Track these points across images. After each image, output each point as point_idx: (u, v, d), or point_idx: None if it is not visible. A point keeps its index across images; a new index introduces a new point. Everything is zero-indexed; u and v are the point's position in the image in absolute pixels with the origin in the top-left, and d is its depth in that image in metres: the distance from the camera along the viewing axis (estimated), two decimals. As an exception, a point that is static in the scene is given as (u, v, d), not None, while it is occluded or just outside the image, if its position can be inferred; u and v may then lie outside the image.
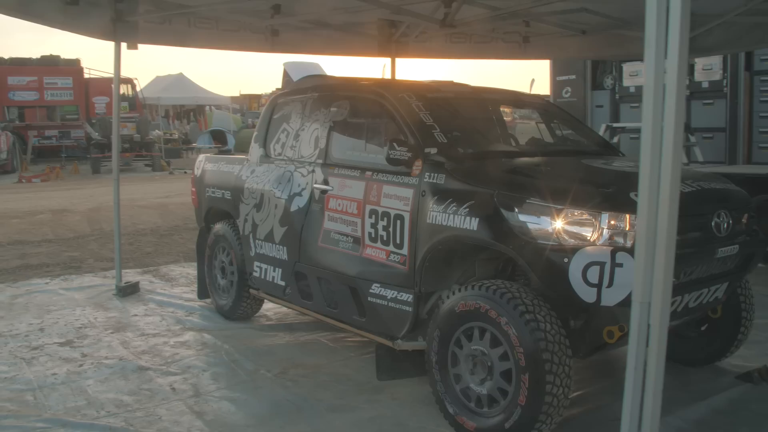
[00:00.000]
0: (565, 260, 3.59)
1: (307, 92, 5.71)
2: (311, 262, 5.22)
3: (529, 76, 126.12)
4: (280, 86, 31.59)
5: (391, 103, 4.80)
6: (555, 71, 11.81)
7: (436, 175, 4.27)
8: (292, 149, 5.63)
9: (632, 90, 10.83)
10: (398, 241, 4.46)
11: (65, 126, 29.12)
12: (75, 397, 4.65)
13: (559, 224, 3.67)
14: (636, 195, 3.13)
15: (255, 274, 5.94)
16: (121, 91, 26.71)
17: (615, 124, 10.66)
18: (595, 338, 4.00)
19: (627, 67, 10.88)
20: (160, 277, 8.16)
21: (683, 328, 4.90)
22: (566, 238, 3.65)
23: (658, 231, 2.79)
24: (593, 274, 3.52)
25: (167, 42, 7.76)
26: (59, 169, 22.75)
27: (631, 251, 3.40)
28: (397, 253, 4.47)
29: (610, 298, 3.52)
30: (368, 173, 4.74)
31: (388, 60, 9.13)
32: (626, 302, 3.31)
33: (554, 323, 3.71)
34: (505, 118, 5.79)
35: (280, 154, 5.77)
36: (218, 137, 30.68)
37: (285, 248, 5.51)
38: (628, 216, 3.57)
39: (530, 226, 3.75)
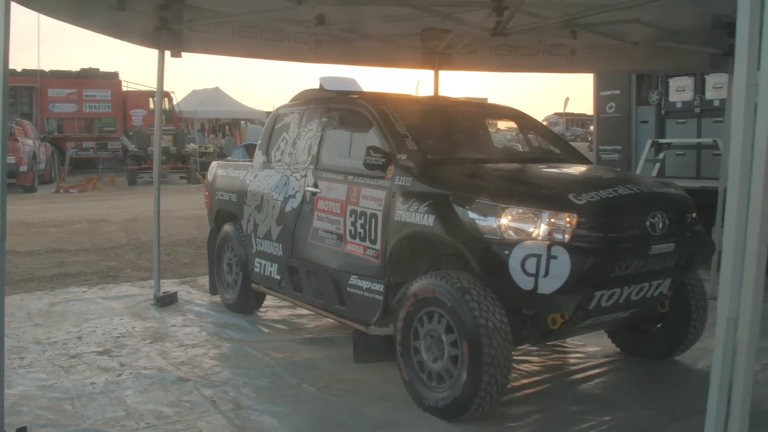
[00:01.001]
0: (506, 252, 4.10)
1: (304, 104, 6.31)
2: (302, 257, 5.79)
3: (565, 93, 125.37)
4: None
5: (372, 114, 5.32)
6: (598, 86, 11.58)
7: (404, 178, 4.81)
8: (290, 156, 6.19)
9: (679, 105, 10.58)
10: (373, 238, 4.98)
11: (103, 138, 29.42)
12: (114, 408, 4.54)
13: (503, 221, 4.20)
14: (575, 196, 4.17)
15: (256, 269, 6.51)
16: (159, 104, 27.04)
17: (661, 140, 10.41)
18: (542, 325, 4.46)
19: (673, 82, 10.63)
20: (198, 287, 8.07)
21: (641, 324, 5.44)
22: (510, 233, 4.17)
23: (747, 246, 2.60)
24: (531, 265, 4.02)
25: (211, 51, 7.71)
26: (96, 180, 22.93)
27: (567, 246, 4.01)
28: (372, 248, 5.00)
29: (547, 286, 4.02)
30: (350, 177, 5.29)
31: (421, 77, 9.07)
32: (562, 291, 4.03)
33: (497, 312, 4.17)
34: (488, 129, 6.31)
35: (279, 161, 6.33)
36: (253, 151, 30.73)
37: (280, 245, 6.07)
38: (566, 214, 4.12)
39: (478, 222, 4.28)
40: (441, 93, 9.09)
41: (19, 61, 50.92)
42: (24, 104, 28.58)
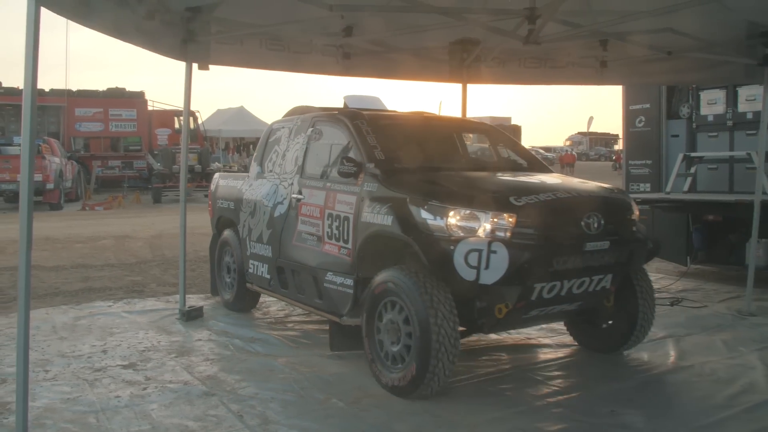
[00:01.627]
0: (452, 248, 4.59)
1: (293, 120, 6.88)
2: (288, 257, 6.38)
3: (589, 112, 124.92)
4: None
5: (348, 128, 5.88)
6: (627, 100, 11.39)
7: (371, 184, 5.35)
8: (279, 166, 6.79)
9: (710, 119, 10.37)
10: (345, 238, 5.51)
11: (128, 157, 29.62)
12: (139, 421, 4.43)
13: (451, 220, 4.72)
14: (516, 199, 4.75)
15: (250, 270, 7.10)
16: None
17: (693, 154, 10.20)
18: (491, 315, 4.91)
19: (705, 95, 10.42)
20: (223, 303, 7.97)
21: (595, 319, 5.85)
22: (456, 231, 4.69)
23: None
24: (473, 259, 4.51)
25: (238, 63, 7.66)
26: (121, 198, 23.02)
27: (506, 242, 4.56)
28: (345, 247, 5.53)
29: (488, 278, 4.52)
30: (328, 184, 5.85)
31: (445, 96, 9.04)
32: (502, 282, 4.54)
33: (447, 303, 4.67)
34: (458, 141, 6.79)
35: (271, 171, 6.94)
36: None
37: (270, 247, 6.68)
38: (506, 215, 4.68)
39: (429, 222, 4.80)
40: (468, 111, 9.04)
41: (47, 81, 51.62)
42: (51, 123, 28.89)
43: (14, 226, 4.04)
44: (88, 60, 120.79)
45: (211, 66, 7.26)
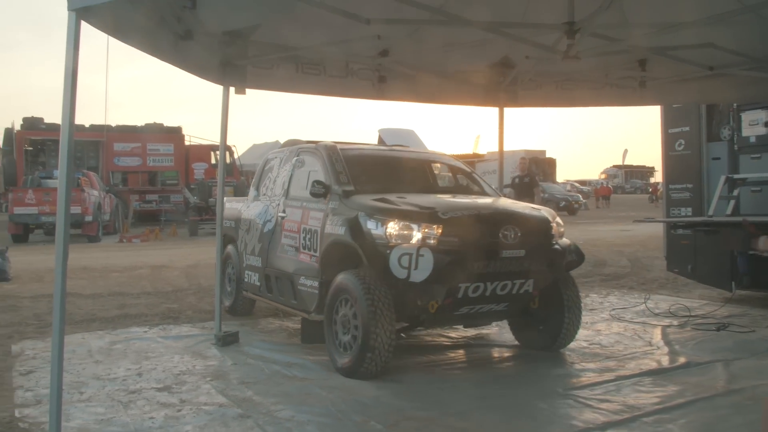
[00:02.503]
0: (388, 252, 5.67)
1: (284, 151, 8.07)
2: (273, 266, 7.44)
3: (624, 145, 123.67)
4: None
5: (323, 158, 6.99)
6: (666, 124, 11.19)
7: (335, 203, 6.48)
8: (271, 190, 7.92)
9: (752, 140, 10.14)
10: (315, 248, 6.59)
11: (165, 191, 29.92)
12: (173, 442, 4.34)
13: (390, 230, 5.79)
14: (443, 213, 5.82)
15: (245, 279, 8.25)
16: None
17: (735, 176, 9.97)
18: (426, 311, 5.93)
19: (746, 116, 10.18)
20: (259, 329, 7.92)
21: (532, 321, 6.74)
22: (394, 239, 5.75)
23: None
24: (405, 261, 5.57)
25: (274, 87, 7.67)
26: (158, 231, 23.18)
27: (431, 247, 5.61)
28: (315, 255, 6.58)
29: (417, 276, 5.58)
30: (305, 203, 6.97)
31: (481, 132, 9.05)
32: (429, 280, 5.57)
33: (386, 300, 5.66)
34: (419, 170, 7.77)
35: (264, 194, 8.10)
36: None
37: (260, 258, 7.76)
38: (434, 226, 5.74)
39: (373, 231, 5.90)
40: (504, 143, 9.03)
41: (86, 118, 52.68)
42: (91, 158, 29.35)
43: (53, 257, 4.03)
44: (127, 98, 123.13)
45: (248, 90, 7.29)
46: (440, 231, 5.72)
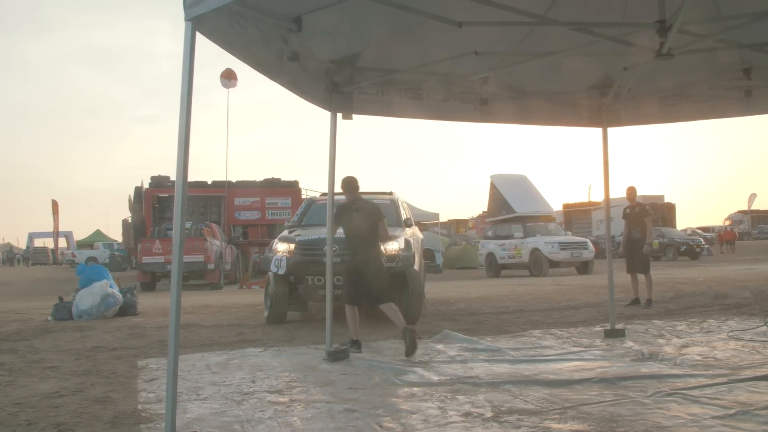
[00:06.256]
0: (270, 256, 10.55)
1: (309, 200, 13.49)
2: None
3: (751, 189, 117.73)
4: (487, 199, 31.84)
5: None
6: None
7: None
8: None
9: None
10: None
11: (283, 243, 30.60)
12: (281, 429, 4.55)
13: (275, 246, 10.65)
14: (298, 236, 10.70)
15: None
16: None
17: None
18: (298, 291, 10.53)
19: None
20: (371, 350, 8.01)
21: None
22: (277, 251, 10.47)
23: None
24: (277, 262, 10.22)
25: (379, 112, 7.90)
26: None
27: (287, 256, 10.23)
28: None
29: (281, 271, 10.13)
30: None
31: (593, 181, 8.97)
32: (287, 273, 10.17)
33: (283, 289, 10.33)
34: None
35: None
36: (427, 255, 31.07)
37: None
38: (292, 244, 10.40)
39: (273, 246, 10.91)
40: (616, 189, 8.92)
41: (210, 176, 55.06)
42: (213, 212, 30.54)
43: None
44: (249, 159, 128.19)
45: (354, 116, 7.59)
46: (294, 247, 10.32)
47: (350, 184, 7.98)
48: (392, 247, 10.05)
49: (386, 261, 9.06)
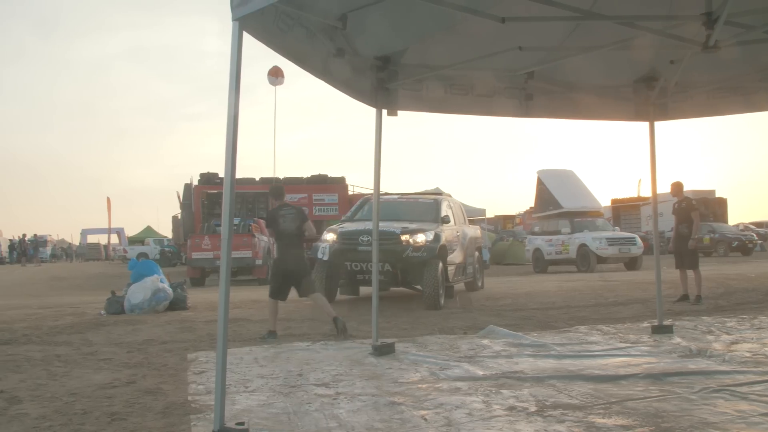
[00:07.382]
0: (317, 245, 12.75)
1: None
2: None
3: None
4: (534, 195, 31.62)
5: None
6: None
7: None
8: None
9: None
10: None
11: (330, 238, 30.81)
12: (327, 421, 4.63)
13: (322, 236, 12.71)
14: (340, 227, 12.85)
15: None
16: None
17: None
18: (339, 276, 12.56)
19: None
20: (416, 344, 8.07)
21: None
22: (325, 241, 12.45)
23: None
24: (322, 250, 12.22)
25: (424, 108, 7.95)
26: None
27: (330, 244, 12.16)
28: None
29: (325, 258, 12.15)
30: None
31: (642, 176, 8.91)
32: (330, 260, 12.08)
33: (324, 273, 12.14)
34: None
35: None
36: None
37: None
38: (334, 234, 12.37)
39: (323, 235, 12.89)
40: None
41: (258, 172, 55.48)
42: (261, 208, 30.85)
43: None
44: (296, 156, 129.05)
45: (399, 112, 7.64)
46: (336, 237, 11.98)
47: (277, 191, 9.44)
48: (420, 238, 11.65)
49: (412, 251, 11.50)
